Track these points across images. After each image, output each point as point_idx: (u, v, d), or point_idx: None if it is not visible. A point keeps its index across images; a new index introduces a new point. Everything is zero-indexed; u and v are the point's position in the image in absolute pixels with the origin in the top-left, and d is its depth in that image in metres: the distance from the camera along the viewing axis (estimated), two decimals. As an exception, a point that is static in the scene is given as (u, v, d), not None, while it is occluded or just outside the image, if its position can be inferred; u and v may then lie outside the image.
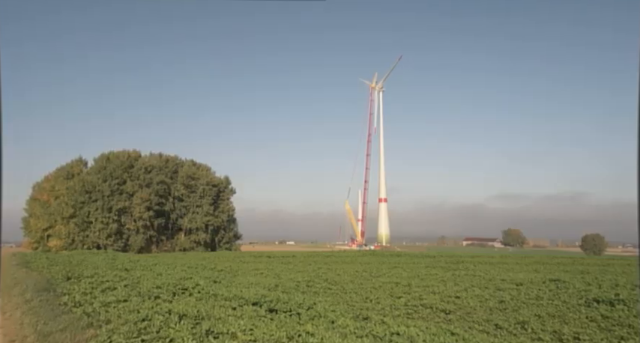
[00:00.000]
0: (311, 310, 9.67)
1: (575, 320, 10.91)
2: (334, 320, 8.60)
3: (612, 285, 16.10)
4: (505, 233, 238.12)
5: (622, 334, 9.59)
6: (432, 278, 20.22)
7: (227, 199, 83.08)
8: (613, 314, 11.18)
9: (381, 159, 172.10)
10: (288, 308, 9.75)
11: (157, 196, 74.16)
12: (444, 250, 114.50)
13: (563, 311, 11.89)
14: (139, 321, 8.05)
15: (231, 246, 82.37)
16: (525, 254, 62.05)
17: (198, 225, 76.95)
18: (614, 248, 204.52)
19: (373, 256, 43.02)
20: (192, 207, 77.91)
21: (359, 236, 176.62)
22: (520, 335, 10.02)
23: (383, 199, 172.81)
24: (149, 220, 72.35)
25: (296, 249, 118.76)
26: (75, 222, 68.13)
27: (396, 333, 7.65)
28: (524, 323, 10.72)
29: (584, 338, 9.39)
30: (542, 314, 11.60)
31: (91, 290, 12.78)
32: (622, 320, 10.58)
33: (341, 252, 56.61)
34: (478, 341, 7.79)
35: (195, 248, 75.38)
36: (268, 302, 10.26)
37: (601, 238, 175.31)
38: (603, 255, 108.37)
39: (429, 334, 7.78)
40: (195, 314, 8.47)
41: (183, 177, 78.46)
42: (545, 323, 10.70)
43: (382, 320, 9.04)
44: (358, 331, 7.73)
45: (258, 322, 8.10)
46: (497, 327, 10.66)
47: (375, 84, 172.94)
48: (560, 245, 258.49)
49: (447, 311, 12.32)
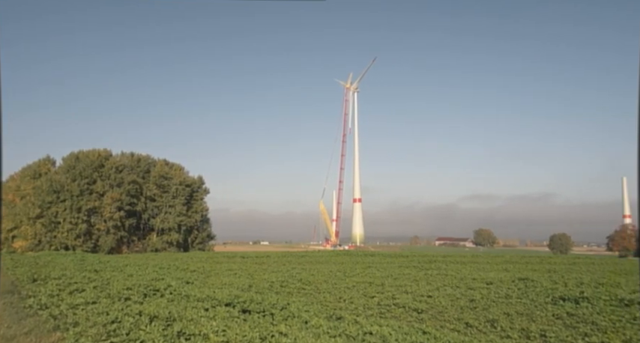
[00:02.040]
0: (284, 310, 9.66)
1: (542, 318, 11.20)
2: (308, 320, 8.61)
3: (577, 284, 16.59)
4: (476, 233, 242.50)
5: (586, 331, 9.90)
6: (405, 278, 20.43)
7: (200, 199, 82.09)
8: (578, 311, 11.53)
9: (356, 159, 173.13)
10: (262, 309, 9.71)
11: (129, 196, 72.72)
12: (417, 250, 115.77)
13: (531, 309, 12.19)
14: (108, 323, 7.88)
15: (205, 246, 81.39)
16: (496, 253, 63.38)
17: (170, 225, 75.79)
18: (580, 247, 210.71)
19: (347, 256, 43.20)
20: (165, 207, 76.70)
21: (333, 236, 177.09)
22: (490, 333, 10.23)
23: (357, 199, 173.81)
24: (120, 220, 70.86)
25: (270, 249, 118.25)
26: (42, 222, 66.17)
27: (369, 333, 7.71)
28: (493, 322, 10.95)
29: (551, 335, 9.65)
30: (511, 312, 11.87)
31: (58, 292, 12.44)
32: (586, 318, 10.92)
33: (315, 252, 56.64)
34: (449, 339, 7.91)
35: (168, 248, 74.21)
36: (241, 303, 10.20)
37: (567, 238, 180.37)
38: (569, 254, 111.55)
39: (401, 333, 7.87)
40: (166, 315, 8.35)
41: (156, 176, 77.16)
42: (514, 321, 10.95)
43: (355, 319, 9.09)
44: (331, 331, 7.75)
45: (231, 323, 8.04)
46: (467, 326, 10.86)
47: (350, 84, 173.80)
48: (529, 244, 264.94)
49: (420, 310, 12.48)
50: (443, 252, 64.88)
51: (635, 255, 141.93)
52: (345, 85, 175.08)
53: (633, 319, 10.53)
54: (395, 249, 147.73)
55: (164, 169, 79.25)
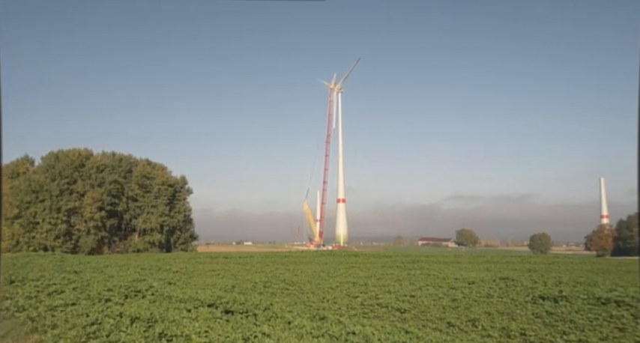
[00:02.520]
0: (268, 311, 9.64)
1: (522, 317, 11.37)
2: (291, 320, 8.61)
3: (556, 283, 16.86)
4: (459, 233, 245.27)
5: (564, 329, 10.08)
6: (388, 278, 20.54)
7: (183, 199, 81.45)
8: (556, 310, 11.73)
9: (340, 159, 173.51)
10: (245, 309, 9.67)
11: (110, 196, 71.77)
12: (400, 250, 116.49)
13: (512, 308, 12.36)
14: (87, 325, 7.77)
15: (187, 246, 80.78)
16: (477, 253, 64.13)
17: (152, 225, 75.01)
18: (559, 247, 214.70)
19: (331, 256, 43.25)
20: (147, 208, 75.87)
21: (317, 236, 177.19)
22: (471, 333, 10.35)
23: (341, 200, 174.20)
24: (101, 221, 69.89)
25: (253, 249, 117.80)
26: (20, 223, 64.89)
27: (352, 333, 7.73)
28: (474, 321, 11.08)
29: (530, 333, 9.81)
30: (492, 311, 12.02)
31: (37, 294, 12.21)
32: (564, 316, 11.12)
33: (299, 253, 56.57)
34: (431, 339, 7.99)
35: (150, 249, 73.45)
36: (224, 304, 10.14)
37: (547, 237, 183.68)
38: (549, 254, 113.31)
39: (384, 333, 7.92)
40: (148, 316, 8.26)
41: (138, 176, 76.29)
42: (495, 320, 11.10)
43: (338, 319, 9.11)
44: (314, 331, 7.76)
45: (213, 324, 7.99)
46: (449, 325, 10.97)
47: (334, 85, 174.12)
48: (510, 244, 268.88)
49: (402, 309, 12.56)
50: (426, 252, 65.41)
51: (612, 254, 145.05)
52: (329, 85, 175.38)
53: (610, 317, 10.76)
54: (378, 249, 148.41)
55: (146, 169, 78.41)
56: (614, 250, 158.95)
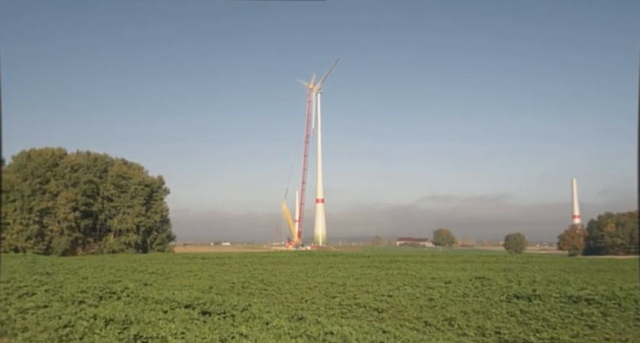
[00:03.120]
0: (246, 311, 9.58)
1: (497, 316, 11.57)
2: (269, 321, 8.57)
3: (530, 282, 17.23)
4: (436, 233, 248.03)
5: (537, 327, 10.30)
6: (366, 278, 20.64)
7: (160, 199, 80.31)
8: (530, 308, 11.98)
9: (319, 160, 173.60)
10: (222, 310, 9.59)
11: (84, 196, 70.30)
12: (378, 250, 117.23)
13: (487, 307, 12.57)
14: (60, 328, 7.60)
15: (164, 247, 79.66)
16: (454, 253, 64.98)
17: (128, 226, 73.77)
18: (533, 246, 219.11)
19: (309, 256, 43.26)
20: (123, 208, 74.59)
21: (296, 236, 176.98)
22: (447, 332, 10.48)
23: (320, 200, 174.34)
24: (75, 221, 68.39)
25: (232, 250, 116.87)
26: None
27: (330, 333, 7.74)
28: (451, 320, 11.22)
29: (505, 332, 9.99)
30: (468, 310, 12.20)
31: (7, 297, 11.88)
32: (538, 314, 11.36)
33: (277, 253, 56.45)
34: (408, 338, 8.05)
35: (126, 250, 72.22)
36: (202, 305, 10.04)
37: (522, 237, 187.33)
38: (523, 253, 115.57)
39: (362, 333, 7.95)
40: (122, 318, 8.13)
41: (114, 176, 74.94)
42: (470, 319, 11.27)
43: (317, 320, 9.12)
44: (292, 331, 7.75)
45: (190, 325, 7.91)
46: (426, 324, 11.09)
47: (314, 85, 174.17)
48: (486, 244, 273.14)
49: (380, 309, 12.64)
50: (403, 252, 65.98)
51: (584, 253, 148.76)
52: (309, 85, 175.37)
53: (580, 315, 11.04)
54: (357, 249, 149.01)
55: (122, 169, 77.08)
56: (586, 249, 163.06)
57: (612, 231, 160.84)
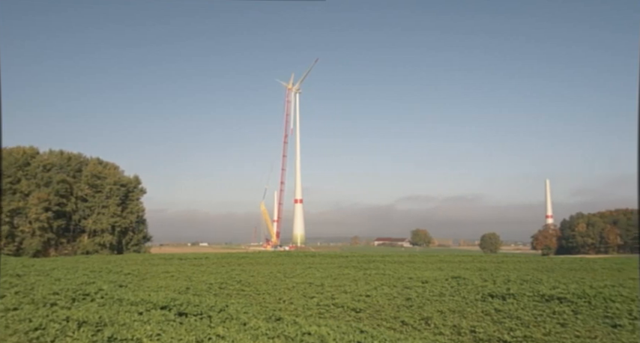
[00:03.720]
0: (223, 312, 9.51)
1: (473, 315, 11.75)
2: (246, 322, 8.53)
3: (505, 281, 17.53)
4: (413, 233, 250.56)
5: (511, 326, 10.50)
6: (344, 278, 20.70)
7: (136, 199, 79.17)
8: (504, 307, 12.20)
9: (297, 160, 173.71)
10: (199, 311, 9.50)
11: (57, 196, 68.77)
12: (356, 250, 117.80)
13: (463, 306, 12.75)
14: (30, 331, 7.41)
15: (140, 248, 78.60)
16: (431, 253, 65.76)
17: (103, 226, 72.46)
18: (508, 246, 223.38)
19: (288, 257, 43.16)
20: (98, 208, 73.24)
21: (274, 237, 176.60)
22: (424, 331, 10.61)
23: (299, 200, 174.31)
24: (47, 222, 66.84)
25: (209, 250, 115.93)
26: (-43, 223, 61.15)
27: (308, 333, 7.75)
28: (427, 319, 11.36)
29: (480, 330, 10.16)
30: (444, 309, 12.35)
31: (-25, 299, 11.52)
32: (511, 313, 11.58)
33: (255, 253, 56.13)
34: (385, 337, 8.11)
35: (100, 251, 70.92)
36: (178, 306, 9.92)
37: (497, 237, 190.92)
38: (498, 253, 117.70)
39: (340, 332, 7.98)
40: (96, 320, 7.97)
41: (88, 176, 73.51)
42: (447, 318, 11.42)
43: (294, 320, 9.11)
44: (270, 332, 7.73)
45: (166, 326, 7.82)
46: (403, 323, 11.20)
47: (292, 85, 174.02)
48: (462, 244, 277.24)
49: (358, 309, 12.71)
50: (381, 252, 66.43)
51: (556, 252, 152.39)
52: (287, 85, 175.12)
53: (552, 313, 11.31)
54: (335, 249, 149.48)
55: (97, 168, 75.69)
56: (558, 249, 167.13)
57: (583, 231, 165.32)
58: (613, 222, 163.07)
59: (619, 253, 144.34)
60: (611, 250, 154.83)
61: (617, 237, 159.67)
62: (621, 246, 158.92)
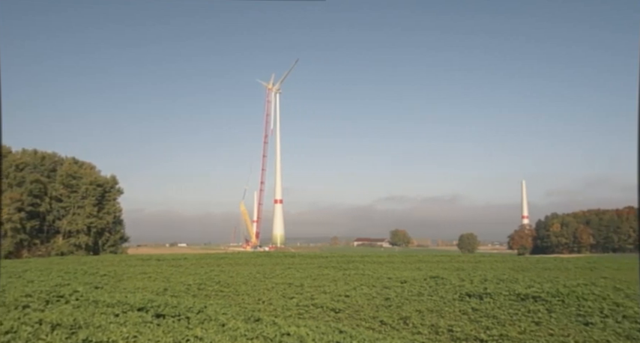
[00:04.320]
0: (201, 314, 9.42)
1: (450, 314, 11.90)
2: (225, 323, 8.47)
3: (482, 280, 17.80)
4: (392, 233, 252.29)
5: (488, 324, 10.67)
6: (323, 278, 20.74)
7: (113, 199, 77.90)
8: (481, 306, 12.39)
9: (277, 160, 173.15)
10: (177, 313, 9.40)
11: (31, 196, 67.17)
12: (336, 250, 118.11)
13: (441, 305, 12.90)
14: (1, 334, 7.22)
15: (117, 249, 77.39)
16: (410, 253, 66.32)
17: (79, 227, 71.08)
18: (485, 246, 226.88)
19: (267, 257, 42.99)
20: (73, 208, 71.82)
21: (253, 237, 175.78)
22: (402, 330, 10.69)
23: (278, 200, 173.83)
24: (20, 222, 65.21)
25: (188, 251, 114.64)
26: None
27: (287, 334, 7.74)
28: (406, 319, 11.46)
29: (457, 330, 10.29)
30: (423, 309, 12.48)
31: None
32: (488, 312, 11.77)
33: (235, 254, 55.77)
34: (364, 337, 8.16)
35: (75, 252, 69.54)
36: (155, 307, 9.79)
37: (474, 237, 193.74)
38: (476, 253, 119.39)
39: (319, 333, 7.99)
40: (71, 323, 7.81)
41: (63, 175, 72.00)
42: (425, 318, 11.54)
43: (273, 321, 9.08)
44: (249, 333, 7.69)
45: (143, 328, 7.71)
46: (382, 323, 11.27)
47: (272, 85, 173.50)
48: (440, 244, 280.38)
49: (337, 309, 12.74)
50: (361, 252, 66.68)
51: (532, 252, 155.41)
52: (267, 85, 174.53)
53: (528, 312, 11.53)
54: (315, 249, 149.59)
55: (72, 168, 74.21)
56: (533, 248, 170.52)
57: (557, 231, 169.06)
58: (586, 222, 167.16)
59: (591, 252, 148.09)
60: (584, 249, 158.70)
61: (589, 237, 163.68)
62: (594, 245, 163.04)
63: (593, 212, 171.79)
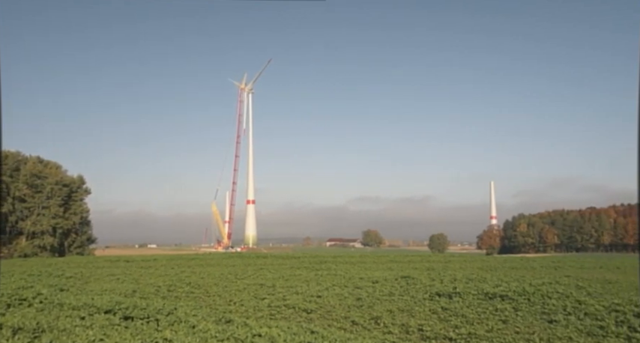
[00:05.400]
0: (171, 315, 9.28)
1: (421, 313, 12.07)
2: (195, 324, 8.37)
3: (451, 280, 18.13)
4: (365, 233, 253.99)
5: (457, 323, 10.87)
6: (296, 279, 20.72)
7: (80, 200, 75.94)
8: (450, 305, 12.61)
9: (250, 160, 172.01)
10: (146, 315, 9.23)
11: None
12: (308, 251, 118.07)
13: (411, 305, 13.07)
14: (-40, 340, 6.94)
15: (84, 250, 75.56)
16: (382, 253, 66.92)
17: (44, 228, 68.95)
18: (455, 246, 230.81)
19: (239, 258, 42.66)
20: (38, 209, 69.64)
21: (225, 238, 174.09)
22: (373, 330, 10.78)
23: (251, 201, 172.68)
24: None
25: (158, 252, 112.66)
26: None
27: (258, 335, 7.70)
28: (377, 319, 11.56)
29: (427, 329, 10.45)
30: (394, 309, 12.61)
31: None
32: (457, 311, 11.99)
33: (206, 255, 55.09)
34: (335, 337, 8.19)
35: (40, 253, 67.44)
36: (123, 309, 9.59)
37: (444, 237, 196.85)
38: (446, 253, 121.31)
39: (290, 334, 7.98)
40: (33, 326, 7.58)
41: (27, 175, 69.71)
42: (395, 318, 11.66)
43: (245, 322, 9.02)
44: (219, 335, 7.62)
45: (110, 331, 7.55)
46: (353, 323, 11.34)
47: (245, 85, 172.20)
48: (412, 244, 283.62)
49: (309, 310, 12.75)
50: (333, 253, 66.90)
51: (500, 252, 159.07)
52: (240, 85, 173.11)
53: (495, 310, 11.81)
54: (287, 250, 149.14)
55: (37, 167, 71.94)
56: (501, 248, 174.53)
57: (524, 231, 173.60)
58: (551, 223, 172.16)
59: (556, 252, 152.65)
60: (549, 249, 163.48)
61: (554, 237, 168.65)
62: (558, 245, 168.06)
63: (557, 212, 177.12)
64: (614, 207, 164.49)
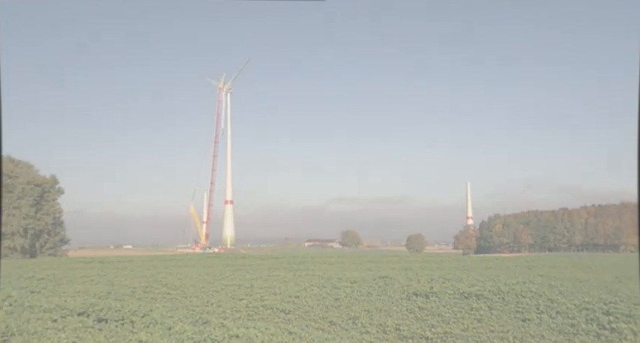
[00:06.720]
0: (146, 317, 9.16)
1: (398, 313, 12.18)
2: (171, 326, 8.27)
3: (428, 280, 18.34)
4: (343, 234, 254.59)
5: (433, 323, 11.01)
6: (274, 280, 20.67)
7: (52, 200, 74.28)
8: (427, 305, 12.77)
9: (228, 160, 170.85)
10: (121, 317, 9.09)
11: (-40, 195, 62.88)
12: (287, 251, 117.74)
13: (389, 305, 13.18)
14: None
15: (57, 251, 73.97)
16: (360, 253, 67.27)
17: (14, 228, 67.26)
18: (432, 246, 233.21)
19: (217, 259, 42.35)
20: (8, 209, 67.84)
21: (203, 238, 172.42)
22: (351, 330, 10.83)
23: (229, 201, 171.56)
24: (-54, 224, 60.88)
25: (134, 253, 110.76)
26: None
27: (235, 336, 7.66)
28: (355, 319, 11.61)
29: (404, 328, 10.55)
30: (371, 309, 12.69)
31: None
32: (434, 310, 12.15)
33: (183, 256, 54.52)
34: (313, 338, 8.20)
35: (10, 255, 65.73)
36: (97, 311, 9.43)
37: (422, 238, 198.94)
38: (423, 253, 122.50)
39: (268, 334, 7.96)
40: (3, 330, 7.39)
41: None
42: (373, 317, 11.74)
43: (222, 323, 8.97)
44: (196, 336, 7.56)
45: (83, 334, 7.41)
46: (331, 323, 11.37)
47: (223, 85, 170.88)
48: (390, 244, 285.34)
49: (287, 310, 12.73)
50: (312, 253, 66.95)
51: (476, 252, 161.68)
52: (218, 85, 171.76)
53: (470, 309, 12.00)
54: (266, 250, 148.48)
55: (8, 166, 70.09)
56: (477, 248, 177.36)
57: (499, 231, 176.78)
58: (525, 223, 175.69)
59: (530, 252, 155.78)
60: (523, 249, 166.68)
61: (528, 237, 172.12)
62: (532, 245, 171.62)
63: (532, 213, 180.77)
64: (585, 208, 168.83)
